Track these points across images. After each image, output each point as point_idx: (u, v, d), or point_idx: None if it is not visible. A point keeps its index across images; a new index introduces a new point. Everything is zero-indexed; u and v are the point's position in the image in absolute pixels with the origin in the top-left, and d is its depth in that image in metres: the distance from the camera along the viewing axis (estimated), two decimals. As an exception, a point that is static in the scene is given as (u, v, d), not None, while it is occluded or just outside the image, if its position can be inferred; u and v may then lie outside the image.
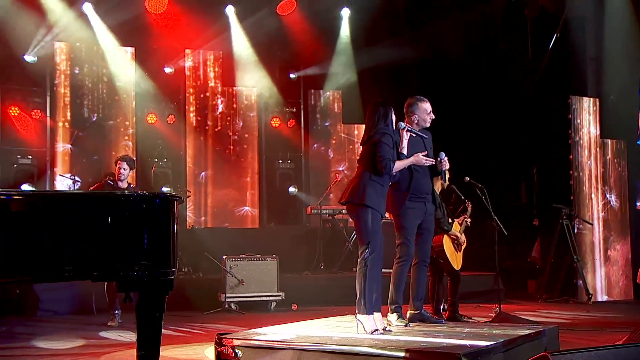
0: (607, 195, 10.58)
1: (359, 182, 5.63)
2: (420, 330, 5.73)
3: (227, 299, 8.95)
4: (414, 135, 6.04)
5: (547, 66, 10.81)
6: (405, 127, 5.87)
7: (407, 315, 6.22)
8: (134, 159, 8.97)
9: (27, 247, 3.43)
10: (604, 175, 10.59)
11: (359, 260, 5.59)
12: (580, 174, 10.34)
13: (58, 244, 3.48)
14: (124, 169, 8.10)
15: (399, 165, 5.66)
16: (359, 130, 13.00)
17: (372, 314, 5.46)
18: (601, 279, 10.36)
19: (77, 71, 11.70)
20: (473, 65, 11.62)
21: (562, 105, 10.47)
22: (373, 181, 5.57)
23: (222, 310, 8.96)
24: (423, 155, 5.77)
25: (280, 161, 13.11)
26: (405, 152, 5.83)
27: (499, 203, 12.11)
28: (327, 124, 13.38)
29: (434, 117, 6.37)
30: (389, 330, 5.62)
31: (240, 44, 12.53)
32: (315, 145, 13.11)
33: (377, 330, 5.34)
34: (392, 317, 5.92)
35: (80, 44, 11.59)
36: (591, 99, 10.56)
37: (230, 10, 12.18)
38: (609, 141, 10.63)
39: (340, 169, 13.17)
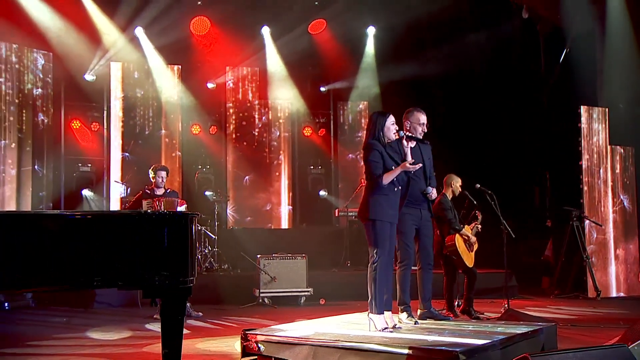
0: (616, 199, 10.46)
1: (364, 198, 5.63)
2: (427, 328, 5.69)
3: (261, 294, 9.01)
4: (414, 138, 5.87)
5: (559, 78, 10.73)
6: (404, 135, 5.70)
7: (418, 313, 6.19)
8: (168, 168, 9.03)
9: (66, 262, 3.50)
10: (613, 180, 10.48)
11: (369, 265, 5.55)
12: (590, 178, 10.26)
13: (89, 258, 3.56)
14: (162, 177, 8.17)
15: (387, 177, 5.47)
16: None
17: (383, 313, 5.47)
18: (610, 276, 10.26)
19: (129, 88, 11.88)
20: (491, 78, 11.53)
21: (573, 114, 10.38)
22: (376, 194, 5.50)
23: (256, 305, 8.98)
24: (410, 164, 5.53)
25: (312, 167, 13.12)
26: (409, 159, 5.64)
27: (515, 205, 12.20)
28: (359, 134, 13.21)
29: (426, 130, 6.17)
30: (399, 327, 5.59)
31: (275, 61, 12.51)
32: (344, 152, 13.03)
33: (386, 328, 5.36)
34: (403, 315, 5.92)
35: (132, 64, 11.83)
36: (600, 108, 10.45)
37: (265, 31, 12.23)
38: (618, 148, 10.52)
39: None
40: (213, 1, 11.51)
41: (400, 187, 5.58)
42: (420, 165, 5.63)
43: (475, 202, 7.84)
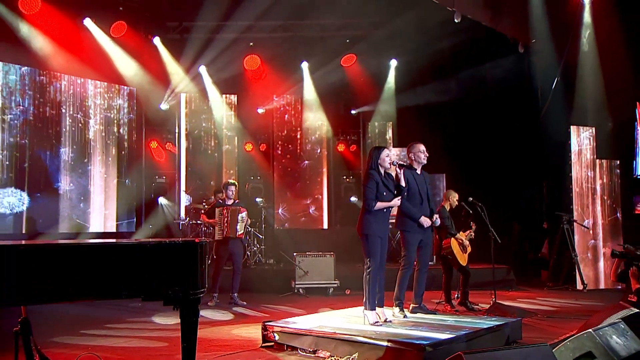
0: (603, 204, 10.43)
1: (360, 216, 5.71)
2: (411, 322, 5.72)
3: (297, 285, 9.12)
4: (407, 169, 5.98)
5: (552, 103, 10.64)
6: (396, 163, 5.78)
7: (410, 308, 6.27)
8: (236, 182, 9.14)
9: (105, 280, 3.55)
10: (601, 188, 10.45)
11: (364, 270, 5.62)
12: (578, 188, 10.29)
13: (117, 276, 3.56)
14: (232, 191, 8.38)
15: (380, 205, 5.59)
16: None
17: (375, 309, 5.55)
18: (599, 271, 10.27)
19: (194, 114, 12.12)
20: (495, 103, 11.50)
21: (564, 133, 10.38)
22: (368, 214, 5.60)
23: (292, 294, 9.06)
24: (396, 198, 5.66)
25: (345, 177, 13.12)
26: (402, 183, 5.77)
27: (521, 210, 12.29)
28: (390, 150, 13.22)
29: (427, 155, 6.27)
30: (390, 321, 5.67)
31: (312, 89, 12.49)
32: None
33: (377, 322, 5.45)
34: (396, 310, 6.00)
35: (196, 95, 12.04)
36: (588, 128, 10.42)
37: (304, 65, 12.35)
38: (604, 161, 10.47)
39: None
40: (262, 42, 11.67)
41: (388, 210, 5.69)
42: (399, 202, 5.72)
43: (471, 212, 7.84)
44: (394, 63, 12.50)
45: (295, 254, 9.39)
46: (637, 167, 11.31)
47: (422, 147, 6.28)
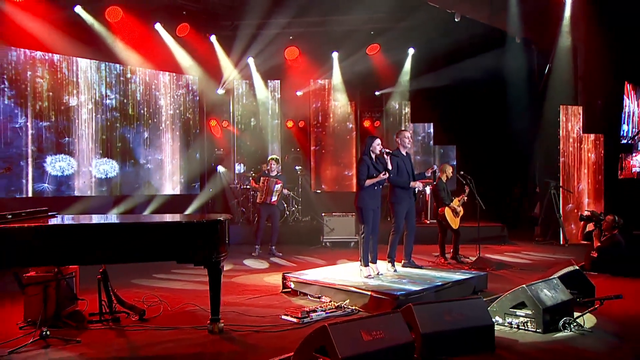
0: (588, 172, 10.47)
1: (356, 192, 6.06)
2: (399, 275, 5.95)
3: (324, 239, 9.52)
4: (397, 156, 6.21)
5: (545, 85, 10.58)
6: (383, 151, 5.96)
7: (401, 264, 6.54)
8: (278, 157, 9.44)
9: (151, 247, 3.96)
10: (586, 158, 10.46)
11: (359, 235, 5.99)
12: (564, 158, 10.34)
13: (162, 245, 3.94)
14: (272, 164, 8.66)
15: (369, 182, 5.82)
16: (421, 127, 13.15)
17: (368, 265, 5.90)
18: (578, 229, 10.37)
19: (245, 97, 12.45)
20: (496, 86, 11.39)
21: (555, 111, 10.38)
22: (361, 191, 5.90)
23: (321, 247, 9.40)
24: (382, 174, 5.87)
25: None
26: (389, 167, 5.98)
27: (520, 176, 12.33)
28: (398, 124, 13.09)
29: (411, 141, 6.54)
30: (381, 274, 5.94)
31: (342, 74, 12.43)
32: (389, 135, 12.82)
33: (369, 275, 5.79)
34: (388, 265, 6.29)
35: (245, 81, 12.32)
36: (575, 106, 10.34)
37: (335, 55, 12.30)
38: (590, 135, 10.41)
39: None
40: (300, 36, 11.65)
41: (379, 187, 6.00)
42: (387, 175, 5.95)
43: (464, 182, 7.85)
44: (411, 51, 12.42)
45: (323, 214, 9.76)
46: (627, 133, 11.23)
47: (407, 134, 6.54)
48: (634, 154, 12.09)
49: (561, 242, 9.98)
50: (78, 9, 9.56)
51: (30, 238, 3.81)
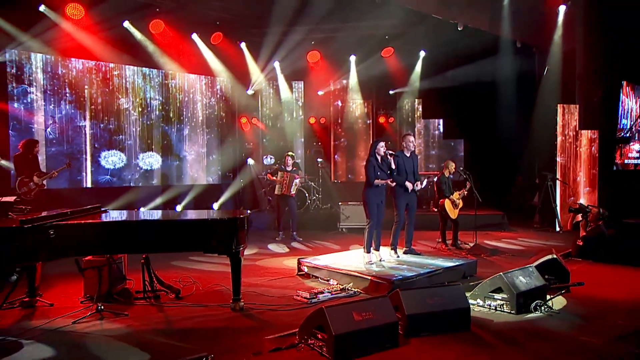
0: (584, 165, 10.46)
1: (363, 188, 6.23)
2: (399, 262, 6.11)
3: (340, 226, 9.74)
4: (398, 157, 6.39)
5: (545, 85, 10.55)
6: (387, 153, 6.19)
7: (403, 250, 6.71)
8: (294, 154, 9.55)
9: (183, 239, 4.26)
10: (580, 153, 10.43)
11: (365, 225, 6.20)
12: (562, 152, 10.34)
13: (192, 237, 4.25)
14: (288, 160, 8.93)
15: (377, 182, 6.07)
16: (432, 123, 13.25)
17: (370, 252, 6.12)
18: (573, 218, 10.41)
19: (272, 96, 12.63)
20: (499, 86, 11.40)
21: (553, 109, 10.39)
22: (368, 188, 6.14)
23: (337, 232, 9.61)
24: (391, 181, 6.14)
25: (384, 141, 13.34)
26: (393, 166, 6.22)
27: (522, 169, 12.34)
28: (410, 120, 13.15)
29: (415, 143, 6.72)
30: (383, 260, 6.12)
31: (358, 75, 12.42)
32: (401, 130, 13.03)
33: (371, 262, 6.01)
34: (391, 252, 6.52)
35: (271, 81, 12.51)
36: (572, 105, 10.30)
37: (352, 58, 12.41)
38: (586, 132, 10.36)
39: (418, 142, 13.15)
40: (321, 41, 11.67)
41: (383, 185, 6.20)
42: (394, 183, 6.25)
43: (466, 178, 7.94)
44: (422, 54, 12.41)
45: (340, 203, 9.96)
46: (625, 126, 11.13)
47: (411, 138, 6.75)
48: (631, 144, 11.98)
49: (557, 229, 10.04)
50: (126, 24, 10.01)
51: (86, 232, 4.33)
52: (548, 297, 4.89)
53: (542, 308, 4.72)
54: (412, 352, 3.75)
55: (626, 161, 11.27)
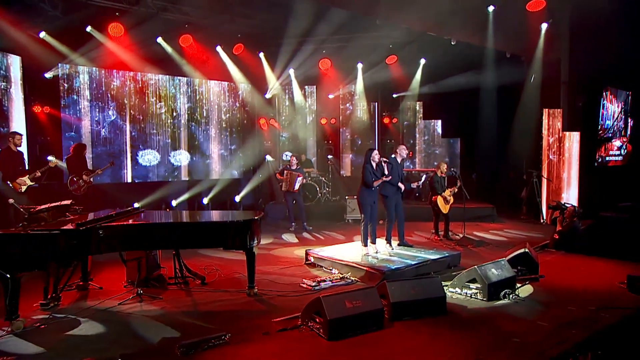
0: (566, 164, 10.54)
1: (359, 189, 6.38)
2: (392, 254, 6.23)
3: (347, 217, 9.92)
4: (391, 163, 6.59)
5: (532, 91, 10.52)
6: (381, 160, 6.38)
7: (397, 243, 6.85)
8: (300, 154, 9.75)
9: (206, 237, 4.54)
10: (564, 152, 10.50)
11: (361, 222, 6.40)
12: (546, 152, 10.47)
13: (214, 236, 4.54)
14: (293, 159, 9.10)
15: (376, 183, 6.23)
16: (432, 124, 13.32)
17: (367, 245, 6.35)
18: (552, 214, 10.44)
19: (287, 99, 12.83)
20: (492, 92, 11.46)
21: (539, 114, 10.49)
22: (363, 189, 6.32)
23: (344, 223, 9.77)
24: (385, 177, 6.27)
25: (388, 140, 13.32)
26: (386, 172, 6.38)
27: (513, 166, 12.29)
28: (410, 122, 13.20)
29: (408, 151, 6.95)
30: (379, 252, 6.30)
31: (365, 80, 12.54)
32: (406, 130, 13.26)
33: (367, 254, 6.20)
34: (387, 245, 6.72)
35: (287, 86, 12.62)
36: (557, 109, 10.38)
37: (359, 65, 12.49)
38: (569, 133, 10.41)
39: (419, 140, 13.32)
40: (331, 50, 11.74)
41: (376, 188, 6.44)
42: (390, 177, 6.40)
43: (457, 177, 8.17)
44: (422, 61, 12.45)
45: (346, 197, 10.18)
46: (608, 126, 11.15)
47: (403, 147, 7.00)
48: (613, 141, 11.99)
49: (541, 221, 10.19)
50: (159, 40, 10.40)
51: (128, 232, 4.82)
52: (518, 286, 5.20)
53: (510, 296, 5.02)
54: (393, 332, 4.11)
55: (607, 158, 11.32)
